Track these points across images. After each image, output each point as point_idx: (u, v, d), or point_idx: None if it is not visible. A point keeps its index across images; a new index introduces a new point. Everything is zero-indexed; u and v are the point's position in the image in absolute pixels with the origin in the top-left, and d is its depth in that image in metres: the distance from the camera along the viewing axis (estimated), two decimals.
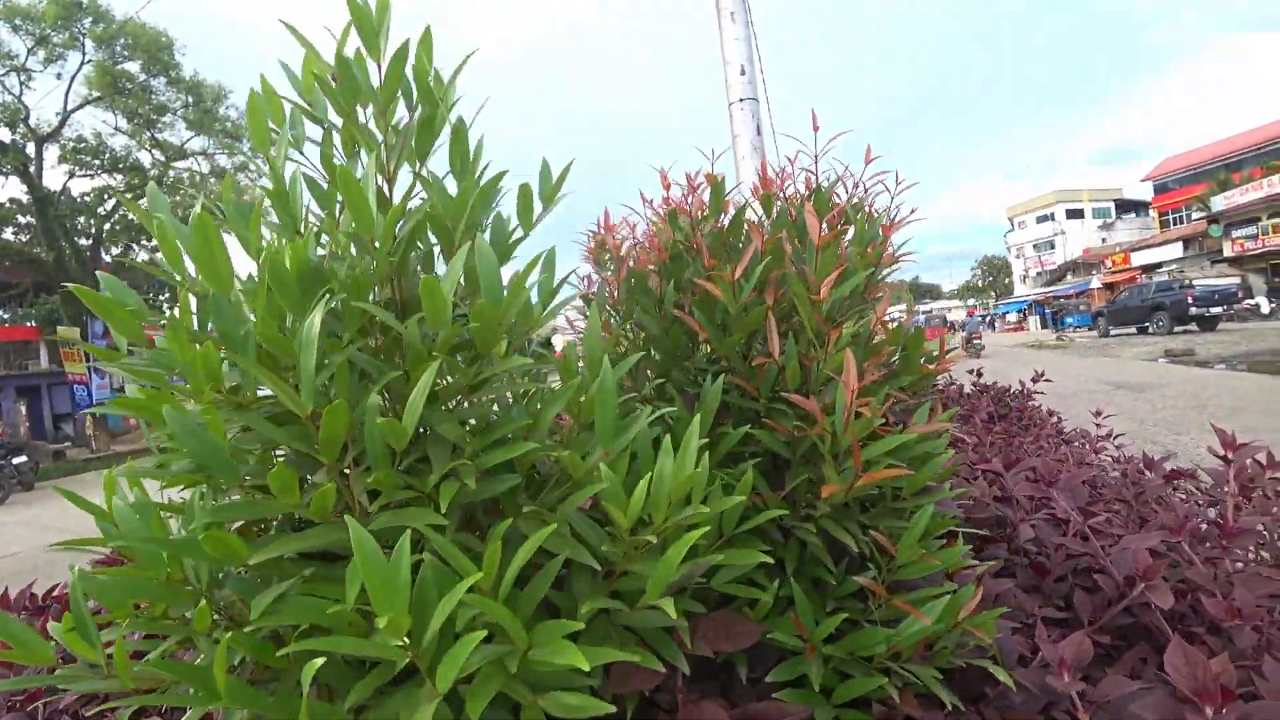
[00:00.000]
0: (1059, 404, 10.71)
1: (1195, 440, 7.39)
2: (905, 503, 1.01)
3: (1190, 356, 16.90)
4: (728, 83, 4.22)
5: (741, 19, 4.25)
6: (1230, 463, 1.20)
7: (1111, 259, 50.34)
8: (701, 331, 1.08)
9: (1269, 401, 9.34)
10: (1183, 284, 28.04)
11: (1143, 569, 0.96)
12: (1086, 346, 25.31)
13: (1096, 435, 2.57)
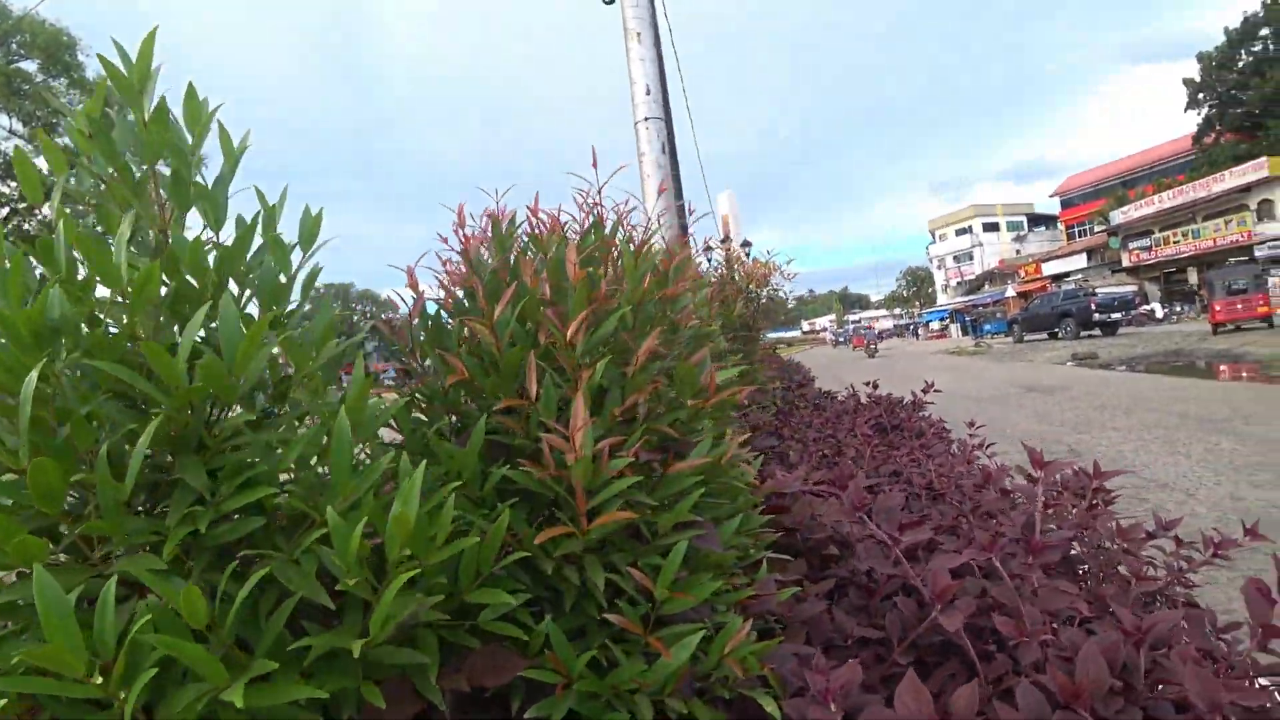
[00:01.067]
0: (976, 407, 11.13)
1: (1095, 439, 7.73)
2: (664, 539, 0.91)
3: (1094, 360, 17.88)
4: (634, 101, 4.19)
5: (648, 39, 4.22)
6: (1037, 480, 1.15)
7: (1024, 269, 53.23)
8: (463, 372, 0.98)
9: (1162, 400, 9.89)
10: (1087, 292, 29.85)
11: (938, 590, 0.88)
12: (1003, 352, 26.52)
13: (970, 444, 2.56)
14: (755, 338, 3.09)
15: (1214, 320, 22.04)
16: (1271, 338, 17.79)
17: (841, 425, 2.33)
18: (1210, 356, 15.70)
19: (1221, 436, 7.23)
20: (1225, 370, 13.29)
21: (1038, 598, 0.91)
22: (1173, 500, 5.25)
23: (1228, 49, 42.48)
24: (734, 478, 1.06)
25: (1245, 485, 5.43)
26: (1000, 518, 1.24)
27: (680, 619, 0.85)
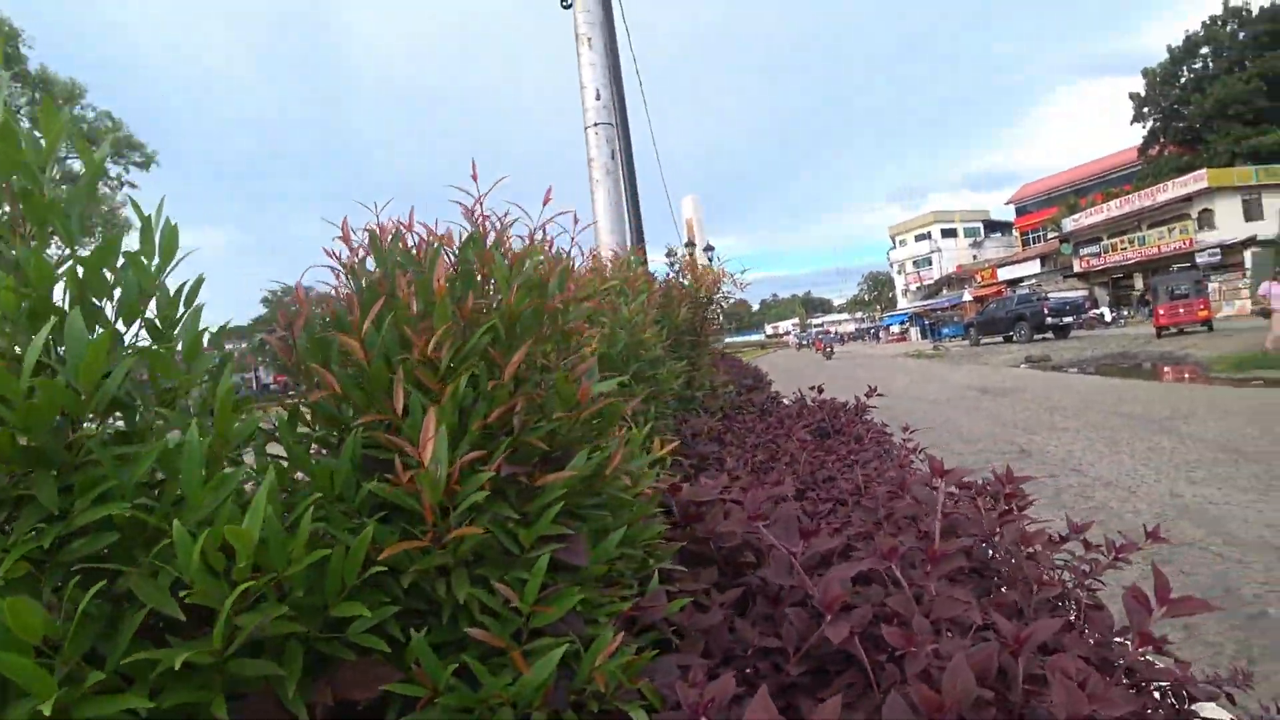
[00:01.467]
0: (933, 410, 11.34)
1: (1045, 439, 7.92)
2: (529, 554, 0.88)
3: (1047, 362, 18.38)
4: (584, 106, 4.17)
5: (599, 44, 4.20)
6: (938, 489, 1.14)
7: (981, 274, 54.58)
8: (333, 386, 0.93)
9: (1109, 401, 10.20)
10: (1040, 297, 30.69)
11: (827, 600, 0.86)
12: (960, 355, 27.11)
13: (904, 448, 2.57)
14: (703, 343, 3.07)
15: (1158, 324, 22.84)
16: (1211, 340, 18.50)
17: (783, 430, 2.32)
18: (1154, 358, 16.27)
19: (1163, 436, 7.48)
20: (1168, 372, 13.78)
21: (933, 606, 0.89)
22: (1116, 498, 5.40)
23: (1170, 66, 44.30)
24: (618, 489, 1.02)
25: (1183, 482, 5.62)
26: (914, 524, 1.22)
27: (551, 632, 0.82)
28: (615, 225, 3.93)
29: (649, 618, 0.95)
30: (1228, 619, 3.31)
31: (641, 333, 1.96)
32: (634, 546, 1.03)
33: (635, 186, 5.70)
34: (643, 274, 2.70)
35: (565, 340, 1.11)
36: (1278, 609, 3.35)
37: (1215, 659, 2.99)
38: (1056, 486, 5.89)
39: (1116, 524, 4.77)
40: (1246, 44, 41.15)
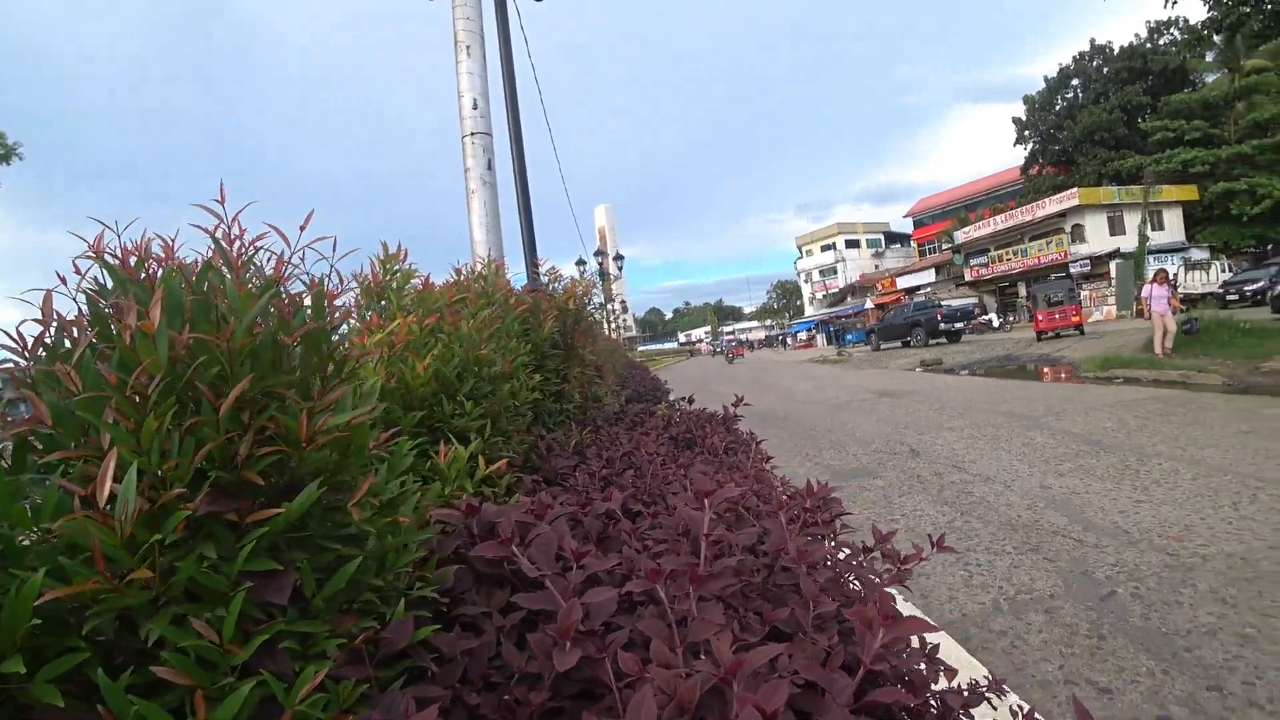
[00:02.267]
0: (832, 414, 11.71)
1: (934, 439, 8.30)
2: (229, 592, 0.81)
3: (939, 365, 19.41)
4: (461, 115, 4.04)
5: (477, 53, 4.08)
6: (706, 507, 1.11)
7: (881, 283, 57.34)
8: (44, 418, 0.82)
9: (991, 400, 10.84)
10: (934, 304, 32.55)
11: (564, 625, 0.82)
12: (861, 360, 28.30)
13: (756, 457, 2.59)
14: (574, 354, 3.01)
15: (1037, 329, 24.60)
16: (1083, 343, 20.06)
17: (647, 441, 2.28)
18: (1033, 360, 17.47)
19: (1036, 431, 7.98)
20: (1044, 372, 14.81)
21: (688, 628, 0.85)
22: (993, 492, 5.69)
23: (1047, 94, 48.37)
24: (364, 518, 0.94)
25: (1052, 475, 5.99)
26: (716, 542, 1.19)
27: (265, 669, 0.74)
28: (491, 236, 3.81)
29: (391, 647, 0.87)
30: (1084, 600, 3.52)
31: (478, 349, 1.87)
32: (385, 575, 0.95)
33: (528, 197, 5.59)
34: (502, 286, 2.61)
35: (338, 368, 1.01)
36: (1125, 589, 3.59)
37: (1070, 638, 3.17)
38: (940, 483, 6.16)
39: (993, 516, 5.03)
40: (1109, 78, 45.43)
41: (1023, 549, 4.32)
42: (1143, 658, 2.92)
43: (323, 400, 0.90)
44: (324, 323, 0.97)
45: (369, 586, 0.94)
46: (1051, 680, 2.85)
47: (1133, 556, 3.98)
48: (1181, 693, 2.64)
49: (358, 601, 0.92)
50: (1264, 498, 4.72)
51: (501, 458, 1.72)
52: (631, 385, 6.17)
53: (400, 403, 1.69)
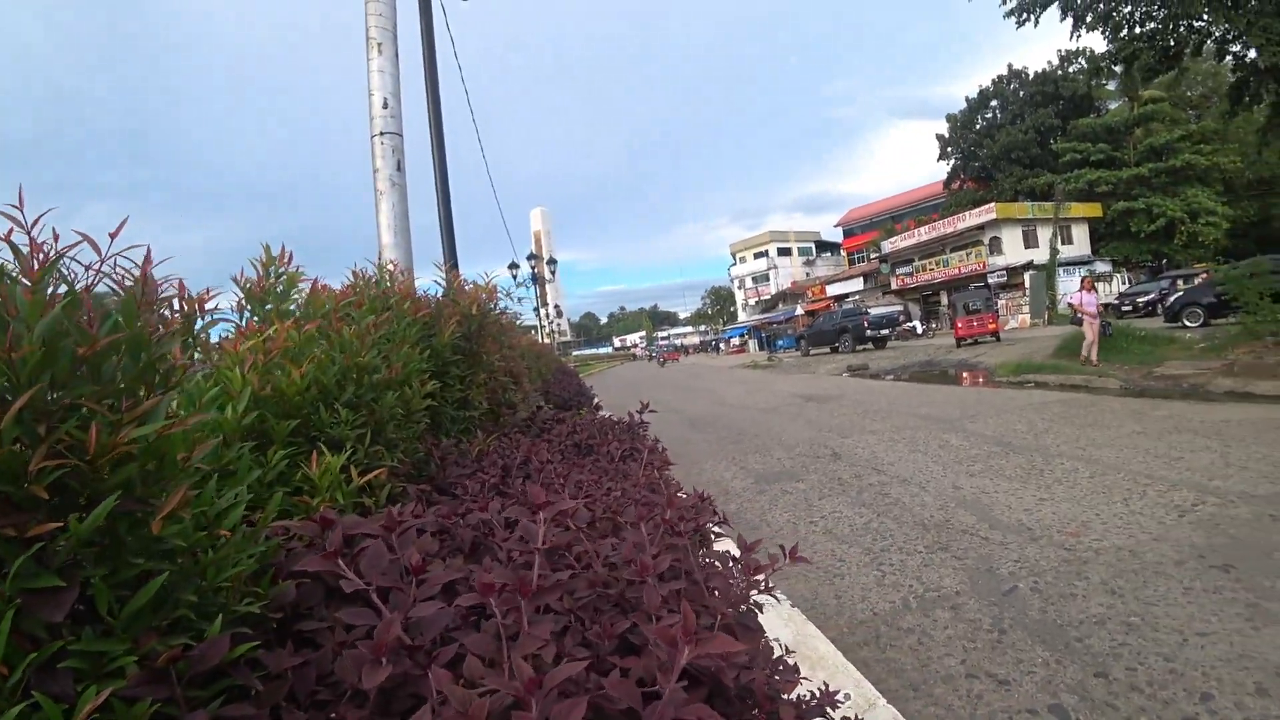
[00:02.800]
0: (761, 418, 11.90)
1: (856, 442, 8.52)
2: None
3: (865, 371, 20.01)
4: (371, 114, 3.90)
5: (389, 51, 3.94)
6: (541, 520, 1.08)
7: (812, 290, 58.89)
8: None
9: (912, 404, 11.23)
10: (862, 311, 33.61)
11: (379, 643, 0.78)
12: (791, 365, 28.95)
13: (650, 464, 2.58)
14: (479, 361, 2.92)
15: (957, 335, 25.70)
16: (998, 349, 21.06)
17: (540, 449, 2.23)
18: (952, 365, 18.22)
19: (952, 434, 8.30)
20: (962, 377, 15.46)
21: (516, 644, 0.82)
22: (909, 494, 5.87)
23: (968, 114, 50.90)
24: (173, 533, 0.87)
25: (964, 476, 6.23)
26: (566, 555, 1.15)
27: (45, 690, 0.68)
28: (400, 240, 3.68)
29: (203, 665, 0.80)
30: (988, 596, 3.65)
31: (359, 356, 1.78)
32: (203, 590, 0.88)
33: (449, 200, 5.44)
34: (403, 291, 2.51)
35: (163, 378, 0.93)
36: (1025, 584, 3.74)
37: (973, 633, 3.28)
38: (859, 485, 6.32)
39: (908, 517, 5.18)
40: (1025, 101, 48.20)
41: (934, 548, 4.46)
42: (1039, 649, 3.04)
43: (130, 412, 0.81)
44: (137, 331, 0.89)
45: (184, 603, 0.86)
46: (954, 674, 2.93)
47: (1034, 552, 4.16)
48: (1072, 680, 2.76)
49: (168, 618, 0.84)
50: (1151, 493, 5.03)
51: (381, 467, 1.63)
52: (556, 392, 6.09)
53: (275, 411, 1.59)
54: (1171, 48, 14.70)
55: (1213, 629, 3.02)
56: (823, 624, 3.55)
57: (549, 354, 14.91)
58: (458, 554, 1.26)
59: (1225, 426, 6.99)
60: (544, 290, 30.06)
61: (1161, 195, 39.31)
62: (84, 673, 0.79)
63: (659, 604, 0.90)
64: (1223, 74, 29.63)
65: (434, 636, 0.84)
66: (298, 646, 1.00)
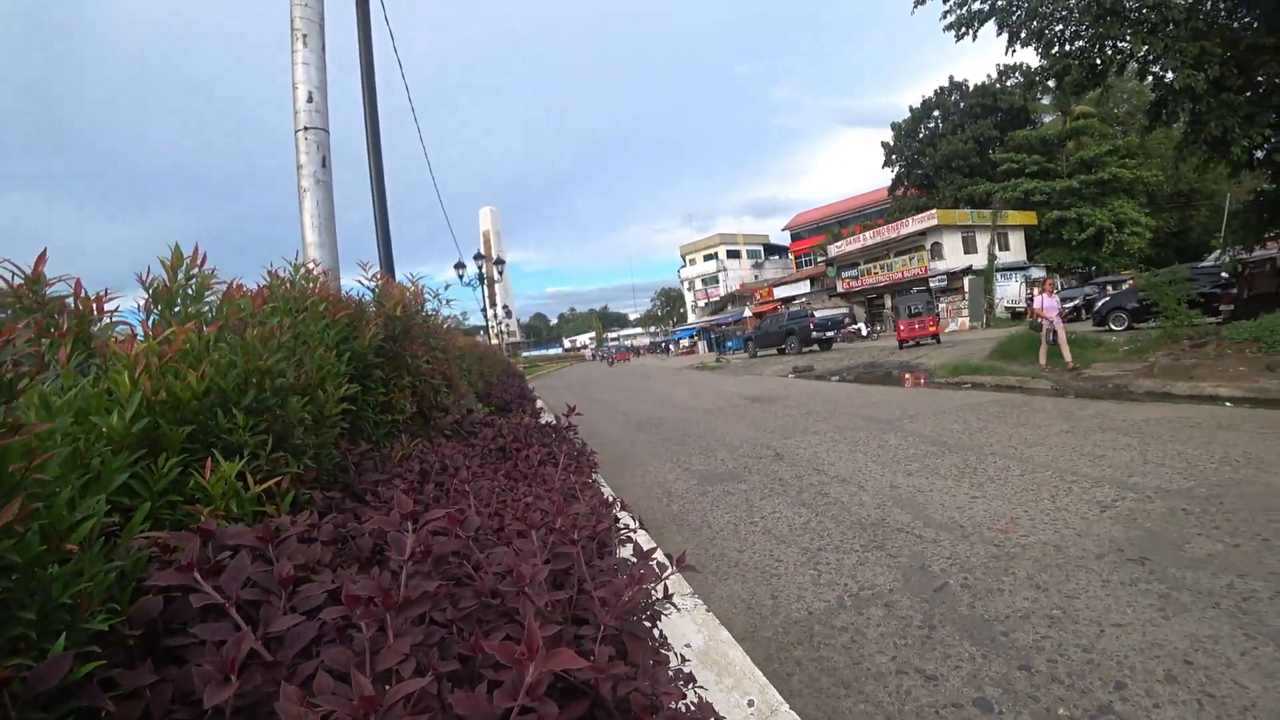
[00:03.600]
0: (705, 419, 11.97)
1: (798, 442, 8.64)
2: None
3: (810, 372, 20.35)
4: (295, 108, 3.74)
5: (315, 43, 3.79)
6: (409, 531, 1.05)
7: (760, 292, 59.76)
8: None
9: (854, 405, 11.47)
10: (807, 313, 34.23)
11: (226, 660, 0.74)
12: (739, 366, 29.26)
13: (565, 467, 2.55)
14: (403, 363, 2.83)
15: (900, 338, 26.42)
16: (939, 351, 21.71)
17: (455, 454, 2.17)
18: (894, 367, 18.68)
19: (891, 434, 8.49)
20: (903, 378, 15.87)
21: (377, 659, 0.78)
22: (847, 493, 5.97)
23: (912, 123, 52.49)
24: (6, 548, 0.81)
25: (901, 475, 6.37)
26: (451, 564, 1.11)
27: None
28: (325, 239, 3.54)
29: (42, 685, 0.74)
30: (919, 593, 3.73)
31: (260, 359, 1.69)
32: (45, 608, 0.82)
33: (384, 198, 5.28)
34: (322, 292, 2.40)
35: (6, 389, 0.86)
36: (956, 580, 3.83)
37: (905, 630, 3.34)
38: (800, 485, 6.40)
39: (845, 516, 5.26)
40: (965, 112, 50.00)
41: (869, 546, 4.54)
42: (966, 644, 3.12)
43: None
44: None
45: (23, 621, 0.78)
46: (884, 671, 2.98)
47: (965, 549, 4.27)
48: (997, 674, 2.84)
49: (4, 637, 0.77)
50: (1076, 490, 5.23)
51: (284, 473, 1.55)
52: (497, 394, 5.97)
53: (170, 417, 1.49)
54: (1098, 66, 15.42)
55: (1127, 620, 3.15)
56: (759, 623, 3.57)
57: (494, 355, 14.69)
58: (354, 563, 1.20)
59: (1145, 425, 7.33)
60: (492, 290, 29.65)
61: (1091, 206, 41.36)
62: None
63: (534, 614, 0.86)
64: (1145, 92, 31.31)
65: (296, 652, 0.79)
66: (165, 663, 0.93)
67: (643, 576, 1.04)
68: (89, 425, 1.36)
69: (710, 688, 2.29)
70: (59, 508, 0.88)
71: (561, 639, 0.90)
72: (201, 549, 0.94)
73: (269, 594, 0.91)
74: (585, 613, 0.98)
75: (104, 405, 1.41)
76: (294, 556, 1.01)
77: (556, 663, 0.71)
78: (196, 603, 0.83)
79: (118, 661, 0.87)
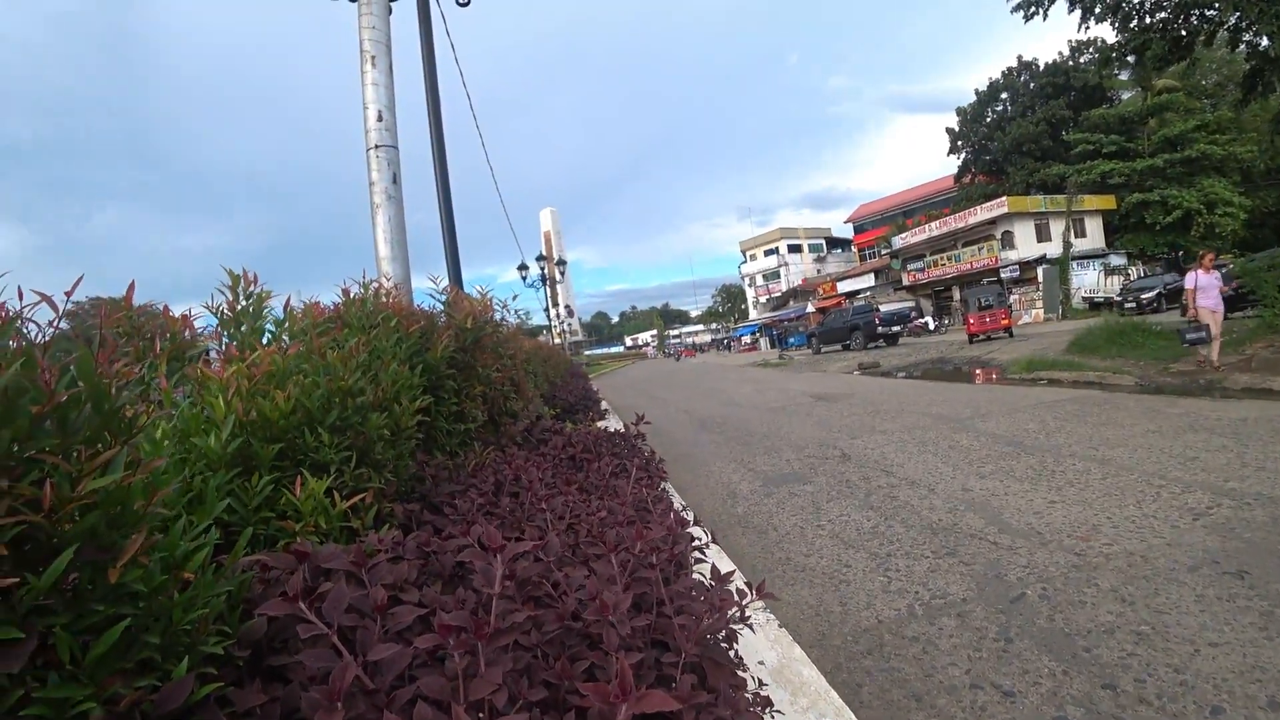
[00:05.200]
0: (770, 417, 11.85)
1: (865, 442, 8.45)
2: None
3: (876, 368, 19.88)
4: (366, 127, 3.92)
5: (384, 64, 3.95)
6: (497, 563, 1.06)
7: (823, 287, 58.66)
8: None
9: (923, 403, 11.14)
10: (873, 308, 33.43)
11: (332, 689, 0.77)
12: (802, 363, 28.81)
13: (638, 483, 2.55)
14: (474, 372, 2.91)
15: (969, 331, 25.51)
16: (1011, 345, 20.88)
17: (529, 467, 2.21)
18: (964, 363, 18.08)
19: (963, 434, 8.21)
20: (974, 374, 15.33)
21: (470, 687, 0.81)
22: (917, 496, 5.81)
23: (978, 107, 50.45)
24: (133, 580, 0.88)
25: (974, 477, 6.16)
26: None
27: None
28: (397, 252, 3.68)
29: (166, 706, 0.80)
30: (995, 604, 3.60)
31: (342, 380, 1.78)
32: (168, 632, 0.89)
33: (451, 210, 5.44)
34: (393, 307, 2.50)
35: (125, 427, 0.94)
36: (1034, 590, 3.69)
37: (979, 642, 3.23)
38: (868, 488, 6.27)
39: (915, 520, 5.13)
40: (1035, 93, 47.72)
41: (941, 553, 4.41)
42: (1046, 659, 3.00)
43: (89, 464, 0.81)
44: (95, 384, 0.89)
45: (149, 646, 0.86)
46: (958, 685, 2.89)
47: (1043, 558, 4.10)
48: (1079, 693, 2.72)
49: (132, 661, 0.84)
50: (1165, 495, 4.95)
51: (368, 489, 1.63)
52: (562, 396, 6.06)
53: (260, 435, 1.59)
54: (1183, 38, 14.49)
55: (1225, 639, 2.96)
56: (827, 631, 3.52)
57: (558, 355, 14.91)
58: (437, 580, 1.25)
59: (1242, 425, 6.87)
60: (554, 291, 30.10)
61: (1177, 186, 38.70)
62: (48, 718, 0.79)
63: (617, 644, 0.89)
64: (1237, 62, 29.16)
65: (393, 678, 0.83)
66: (270, 681, 0.99)
67: (722, 604, 1.05)
68: (189, 446, 1.46)
69: (785, 710, 2.27)
70: (175, 537, 0.95)
71: (644, 666, 0.92)
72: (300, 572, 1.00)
73: (364, 618, 0.96)
74: (664, 636, 1.00)
75: (201, 427, 1.51)
76: (384, 576, 1.06)
77: (648, 704, 0.73)
78: (304, 633, 0.89)
79: (228, 680, 0.94)
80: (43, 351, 0.94)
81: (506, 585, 1.02)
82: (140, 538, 0.83)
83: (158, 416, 1.14)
